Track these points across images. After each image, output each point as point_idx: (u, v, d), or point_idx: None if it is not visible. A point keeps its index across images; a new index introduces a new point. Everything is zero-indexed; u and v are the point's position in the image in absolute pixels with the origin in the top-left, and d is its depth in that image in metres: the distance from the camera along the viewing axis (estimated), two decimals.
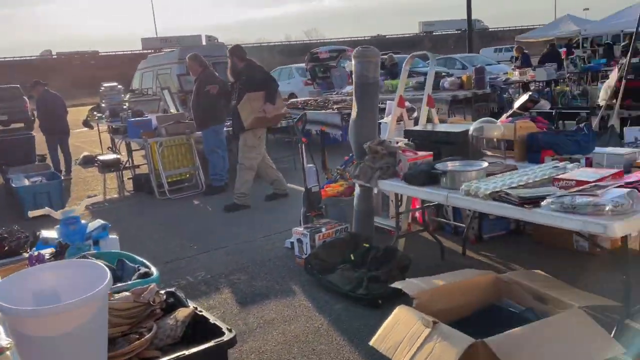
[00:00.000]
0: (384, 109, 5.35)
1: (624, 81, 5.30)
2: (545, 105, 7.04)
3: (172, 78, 11.01)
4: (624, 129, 5.14)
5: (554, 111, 6.56)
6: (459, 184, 2.92)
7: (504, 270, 3.55)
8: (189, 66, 6.81)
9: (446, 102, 8.95)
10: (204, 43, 16.84)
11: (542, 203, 2.46)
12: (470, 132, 3.41)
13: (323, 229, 4.13)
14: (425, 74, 11.45)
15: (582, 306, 2.28)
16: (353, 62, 3.85)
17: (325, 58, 13.25)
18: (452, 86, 9.63)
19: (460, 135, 3.48)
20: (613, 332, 2.35)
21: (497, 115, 6.60)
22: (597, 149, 3.32)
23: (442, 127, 3.98)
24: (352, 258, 3.78)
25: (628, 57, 5.59)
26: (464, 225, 4.16)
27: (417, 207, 4.30)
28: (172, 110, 9.38)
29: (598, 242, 3.27)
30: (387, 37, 54.54)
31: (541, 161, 3.25)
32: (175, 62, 11.44)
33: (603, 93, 5.67)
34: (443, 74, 12.03)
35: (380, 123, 4.88)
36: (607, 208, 2.22)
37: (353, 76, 3.91)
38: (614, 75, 5.63)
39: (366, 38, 53.02)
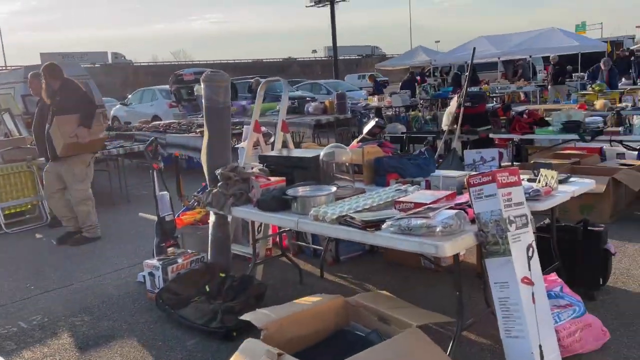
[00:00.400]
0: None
1: (462, 108, 5.83)
2: (400, 129, 7.51)
3: (15, 99, 9.96)
4: (464, 151, 5.62)
5: (404, 135, 7.01)
6: (309, 209, 2.92)
7: (359, 291, 3.64)
8: (30, 84, 6.16)
9: (310, 127, 9.15)
10: (109, 60, 15.69)
11: (383, 226, 2.53)
12: (321, 158, 3.45)
13: (179, 260, 3.92)
14: (295, 98, 11.68)
15: (420, 324, 2.37)
16: (202, 86, 3.74)
17: (190, 80, 12.91)
18: (316, 111, 9.89)
19: (312, 160, 3.51)
20: (449, 346, 2.47)
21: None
22: (437, 172, 3.55)
23: (296, 152, 4.01)
24: (207, 289, 3.62)
25: (465, 86, 6.16)
26: (322, 248, 4.21)
27: (277, 232, 4.27)
28: (16, 134, 8.46)
29: (439, 261, 3.47)
30: (263, 60, 55.92)
31: (387, 184, 3.39)
32: (19, 81, 10.40)
33: (445, 119, 6.17)
34: (308, 98, 12.34)
35: (237, 148, 4.81)
36: (437, 229, 2.34)
37: (203, 100, 3.80)
38: (454, 102, 6.16)
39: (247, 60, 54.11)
